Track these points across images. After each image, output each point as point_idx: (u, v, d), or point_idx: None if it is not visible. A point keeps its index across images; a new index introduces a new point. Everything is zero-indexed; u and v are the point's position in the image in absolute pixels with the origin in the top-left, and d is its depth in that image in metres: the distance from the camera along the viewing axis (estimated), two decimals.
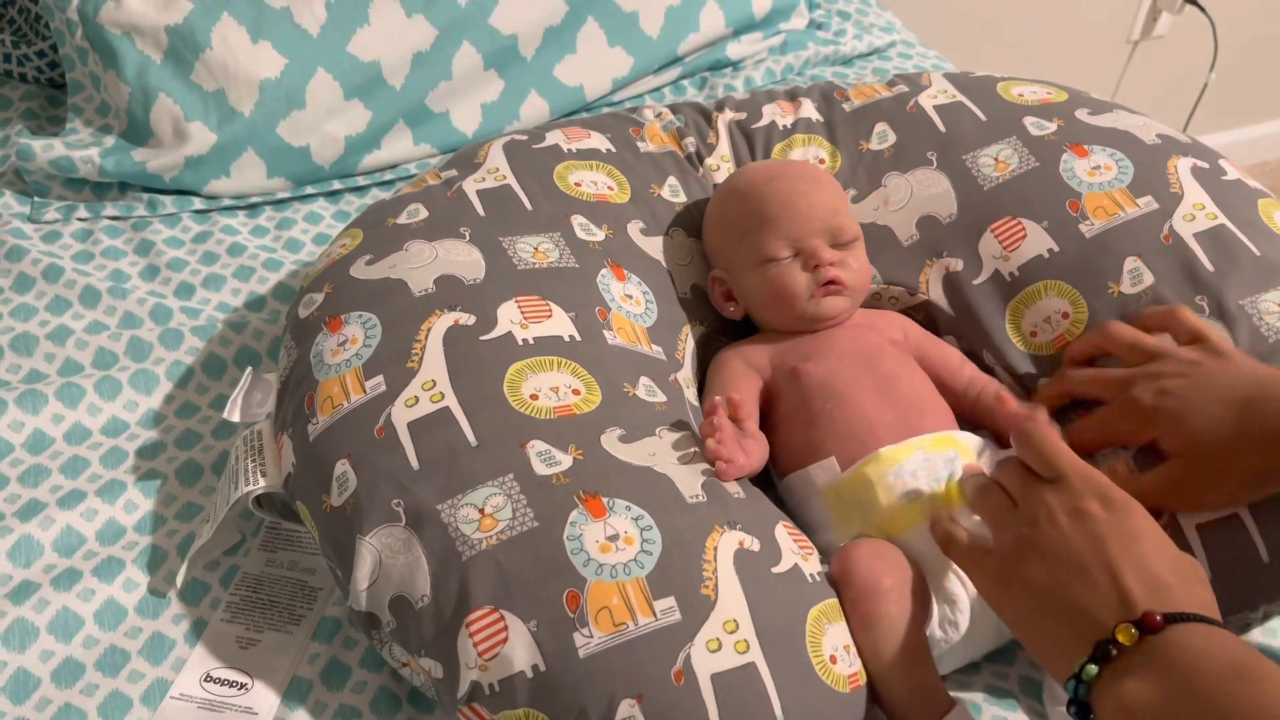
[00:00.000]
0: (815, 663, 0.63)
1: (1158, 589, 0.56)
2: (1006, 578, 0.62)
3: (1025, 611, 0.61)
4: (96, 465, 0.87)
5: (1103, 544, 0.58)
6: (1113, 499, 0.60)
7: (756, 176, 0.89)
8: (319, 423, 0.73)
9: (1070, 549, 0.59)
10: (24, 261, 1.02)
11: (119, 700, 0.71)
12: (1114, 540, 0.58)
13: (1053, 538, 0.60)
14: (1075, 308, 0.84)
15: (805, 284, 0.84)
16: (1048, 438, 0.65)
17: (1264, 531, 0.71)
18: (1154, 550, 0.58)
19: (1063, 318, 0.84)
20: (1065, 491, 0.62)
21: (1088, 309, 0.83)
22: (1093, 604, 0.57)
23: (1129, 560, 0.57)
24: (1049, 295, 0.85)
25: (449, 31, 1.17)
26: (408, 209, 0.87)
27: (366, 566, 0.67)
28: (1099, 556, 0.58)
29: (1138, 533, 0.59)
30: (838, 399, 0.78)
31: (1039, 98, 0.98)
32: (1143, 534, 0.59)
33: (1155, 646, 0.53)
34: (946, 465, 0.74)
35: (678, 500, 0.68)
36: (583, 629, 0.62)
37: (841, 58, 1.39)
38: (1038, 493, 0.63)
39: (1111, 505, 0.60)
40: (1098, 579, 0.57)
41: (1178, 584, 0.56)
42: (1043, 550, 0.60)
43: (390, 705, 0.72)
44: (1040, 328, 0.85)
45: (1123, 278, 0.84)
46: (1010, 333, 0.86)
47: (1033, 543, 0.61)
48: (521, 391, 0.72)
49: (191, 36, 1.09)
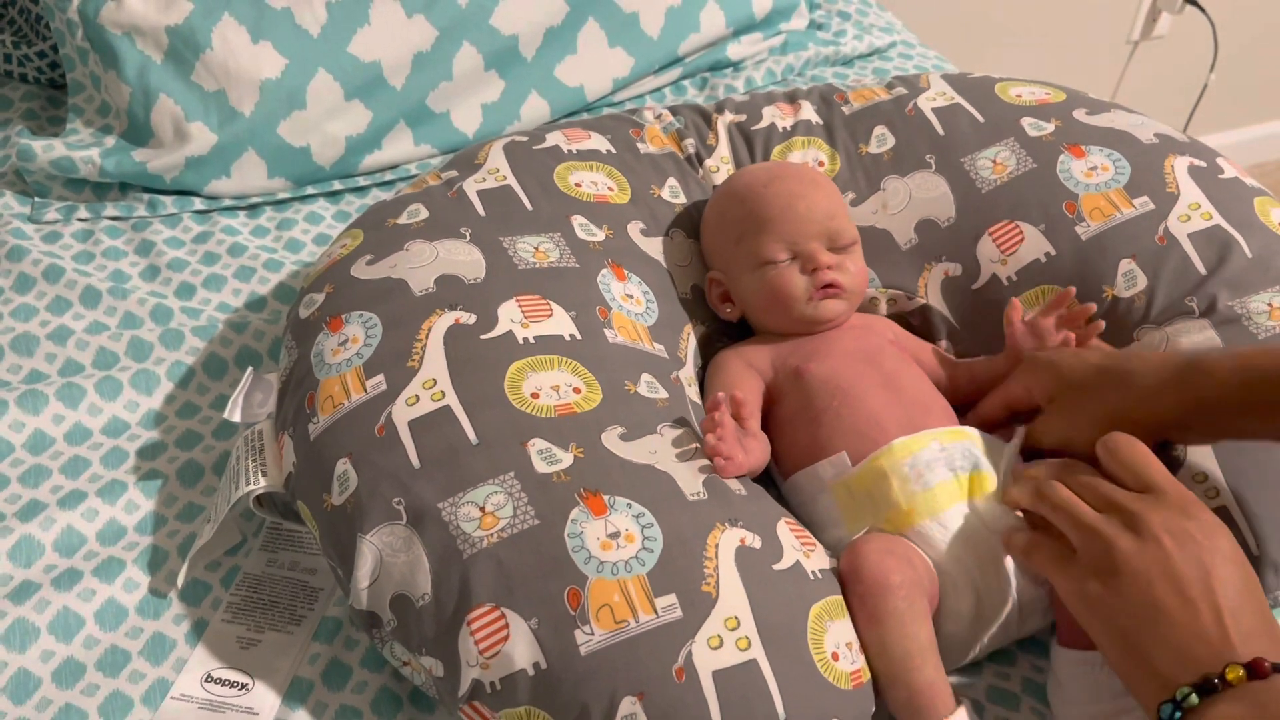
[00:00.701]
0: (817, 660, 0.63)
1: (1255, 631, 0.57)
2: (1096, 591, 0.61)
3: (1118, 630, 0.60)
4: (97, 465, 0.86)
5: (1208, 573, 0.58)
6: (1205, 520, 0.61)
7: (754, 179, 0.89)
8: (320, 422, 0.73)
9: (1175, 573, 0.59)
10: (24, 262, 1.02)
11: (120, 700, 0.71)
12: (1216, 569, 0.58)
13: (1157, 558, 0.59)
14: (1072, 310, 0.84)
15: (803, 287, 0.84)
16: (1137, 447, 0.65)
17: (1253, 525, 0.72)
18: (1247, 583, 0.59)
19: None
20: (1165, 507, 0.61)
21: None
22: (1197, 636, 0.57)
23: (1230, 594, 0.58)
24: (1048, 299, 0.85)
25: (449, 32, 1.17)
26: (408, 209, 0.87)
27: (367, 565, 0.67)
28: (1204, 587, 0.58)
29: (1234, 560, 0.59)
30: (844, 396, 0.78)
31: (1037, 98, 0.98)
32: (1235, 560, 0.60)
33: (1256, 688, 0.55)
34: (965, 456, 0.74)
35: (679, 497, 0.68)
36: (584, 627, 0.62)
37: (842, 58, 1.39)
38: (1136, 507, 0.62)
39: (1205, 527, 0.60)
40: (1203, 611, 0.57)
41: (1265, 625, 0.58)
42: (1144, 569, 0.59)
43: (391, 705, 0.72)
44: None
45: (1117, 281, 0.84)
46: None
47: (1133, 559, 0.60)
48: (522, 390, 0.72)
49: (192, 37, 1.09)
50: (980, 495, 0.72)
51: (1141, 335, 0.83)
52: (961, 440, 0.75)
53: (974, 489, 0.73)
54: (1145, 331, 0.82)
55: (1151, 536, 0.60)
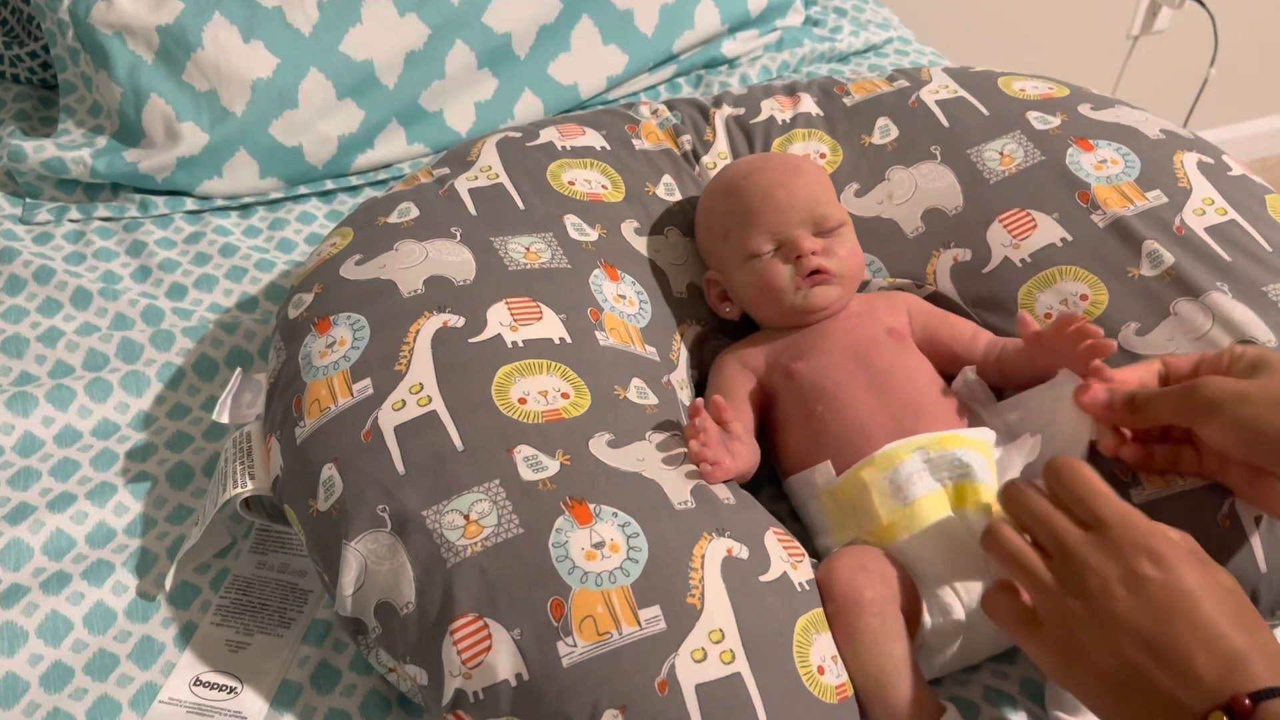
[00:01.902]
0: (802, 673, 0.63)
1: (1234, 661, 0.53)
2: (1066, 653, 0.58)
3: (1094, 692, 0.57)
4: (87, 468, 0.86)
5: (1166, 617, 0.55)
6: (1161, 554, 0.56)
7: (736, 172, 0.88)
8: (306, 426, 0.73)
9: (1134, 626, 0.55)
10: (15, 263, 1.02)
11: (108, 705, 0.71)
12: (1177, 611, 0.55)
13: (1111, 612, 0.56)
14: (1095, 290, 0.82)
15: (789, 276, 0.82)
16: (1085, 475, 0.60)
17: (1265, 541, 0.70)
18: (1216, 610, 0.55)
19: (1081, 299, 0.82)
20: (1111, 551, 0.57)
21: (1108, 292, 0.82)
22: (1170, 688, 0.54)
23: (1198, 635, 0.54)
24: (1065, 279, 0.83)
25: (442, 30, 1.16)
26: (399, 207, 0.87)
27: (352, 572, 0.67)
28: (1165, 634, 0.54)
29: (1196, 594, 0.55)
30: (829, 401, 0.77)
31: (1040, 93, 0.98)
32: (1200, 592, 0.55)
33: None
34: (953, 465, 0.71)
35: (665, 506, 0.67)
36: (566, 638, 0.61)
37: (838, 55, 1.38)
38: (1081, 555, 0.58)
39: (1162, 562, 0.56)
40: (1171, 660, 0.54)
41: (1247, 644, 0.54)
42: (1101, 626, 0.56)
43: (380, 709, 0.72)
44: (1057, 310, 0.83)
45: (1142, 261, 0.82)
46: None
47: (1087, 617, 0.57)
48: (510, 395, 0.72)
49: (183, 36, 1.08)
50: (971, 504, 0.70)
51: (1178, 309, 0.80)
52: (951, 448, 0.72)
53: (963, 498, 0.71)
54: (1182, 304, 0.80)
55: (1101, 591, 0.56)
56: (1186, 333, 0.78)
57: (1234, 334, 0.77)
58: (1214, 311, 0.78)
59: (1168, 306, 0.80)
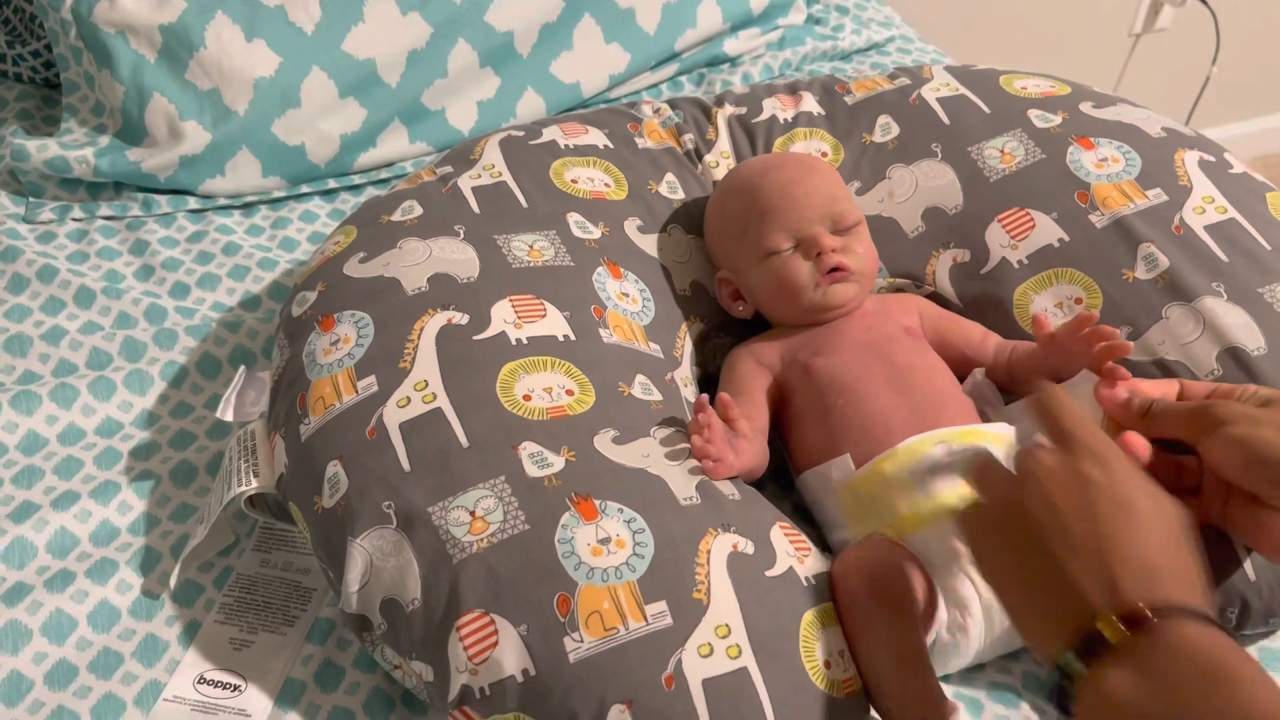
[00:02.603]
0: (809, 668, 0.63)
1: (1149, 573, 0.52)
2: (990, 543, 0.58)
3: (1007, 582, 0.57)
4: (90, 466, 0.86)
5: (1097, 516, 0.53)
6: (1113, 466, 0.56)
7: (751, 170, 0.89)
8: (311, 423, 0.73)
9: (1059, 518, 0.54)
10: (18, 262, 1.02)
11: (112, 703, 0.71)
12: (1109, 513, 0.53)
13: (1042, 502, 0.55)
14: (1089, 293, 0.83)
15: (809, 274, 0.82)
16: (1056, 395, 0.60)
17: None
18: (1151, 526, 0.54)
19: (1075, 303, 0.83)
20: (1065, 454, 0.57)
21: (1102, 295, 0.82)
22: (1080, 584, 0.52)
23: (1123, 538, 0.53)
24: (1061, 282, 0.84)
25: (444, 29, 1.16)
26: (402, 205, 0.87)
27: (358, 569, 0.67)
28: (1091, 530, 0.53)
29: (1135, 505, 0.54)
30: (850, 394, 0.77)
31: (1042, 90, 0.98)
32: (1140, 505, 0.54)
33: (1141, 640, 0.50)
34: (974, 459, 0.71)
35: (671, 502, 0.67)
36: (573, 633, 0.61)
37: (840, 53, 1.38)
38: (1031, 452, 0.58)
39: (1112, 472, 0.55)
40: (1088, 556, 0.53)
41: (1170, 568, 0.52)
42: (1030, 515, 0.55)
43: (384, 707, 0.72)
44: (1052, 313, 0.84)
45: (1137, 264, 0.83)
46: (1019, 318, 0.85)
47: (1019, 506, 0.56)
48: (514, 392, 0.72)
49: (185, 35, 1.08)
50: None
51: (1170, 313, 0.80)
52: (974, 441, 0.72)
53: None
54: (1174, 309, 0.80)
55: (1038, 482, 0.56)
56: (1176, 338, 0.79)
57: (1222, 341, 0.78)
58: (1205, 317, 0.79)
59: (1160, 311, 0.80)
